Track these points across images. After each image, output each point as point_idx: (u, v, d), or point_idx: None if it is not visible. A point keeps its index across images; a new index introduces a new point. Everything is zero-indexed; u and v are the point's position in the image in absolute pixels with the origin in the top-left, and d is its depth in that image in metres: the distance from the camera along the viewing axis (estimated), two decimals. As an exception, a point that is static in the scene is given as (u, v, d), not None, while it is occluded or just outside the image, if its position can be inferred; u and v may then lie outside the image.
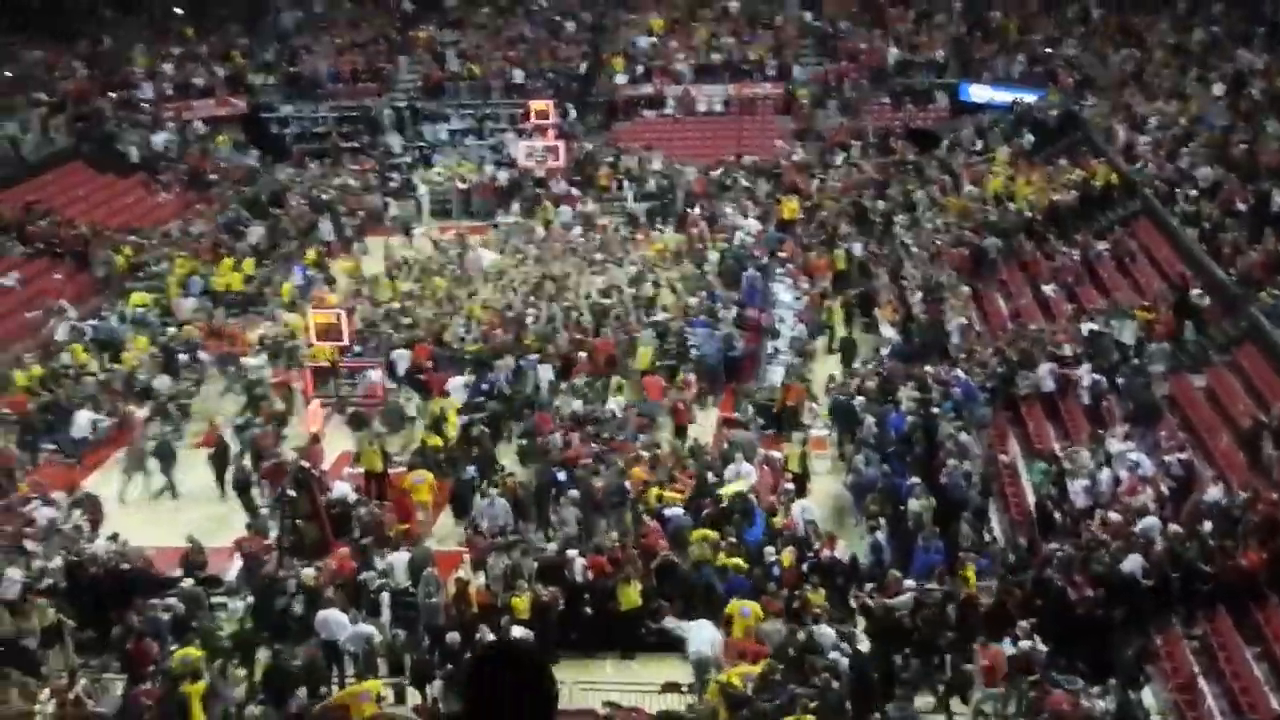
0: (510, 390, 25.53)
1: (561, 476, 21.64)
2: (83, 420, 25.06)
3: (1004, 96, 40.71)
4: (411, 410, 25.75)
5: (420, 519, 21.70)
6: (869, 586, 18.21)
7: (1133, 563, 16.98)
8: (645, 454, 22.34)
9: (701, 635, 16.99)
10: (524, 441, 23.91)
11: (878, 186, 36.42)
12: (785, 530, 19.81)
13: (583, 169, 40.12)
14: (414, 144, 43.87)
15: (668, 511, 20.21)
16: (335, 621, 17.72)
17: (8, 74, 40.64)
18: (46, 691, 15.88)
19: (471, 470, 22.36)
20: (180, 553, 20.04)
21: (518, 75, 44.87)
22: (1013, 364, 23.91)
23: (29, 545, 19.88)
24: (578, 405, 24.53)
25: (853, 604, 17.95)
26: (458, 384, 25.67)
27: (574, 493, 20.94)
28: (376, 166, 41.65)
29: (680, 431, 24.26)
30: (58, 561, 19.42)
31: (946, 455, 20.80)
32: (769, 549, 19.11)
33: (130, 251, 33.40)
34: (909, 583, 17.64)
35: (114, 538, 20.35)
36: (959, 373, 23.66)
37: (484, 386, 25.52)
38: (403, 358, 26.70)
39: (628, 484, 21.11)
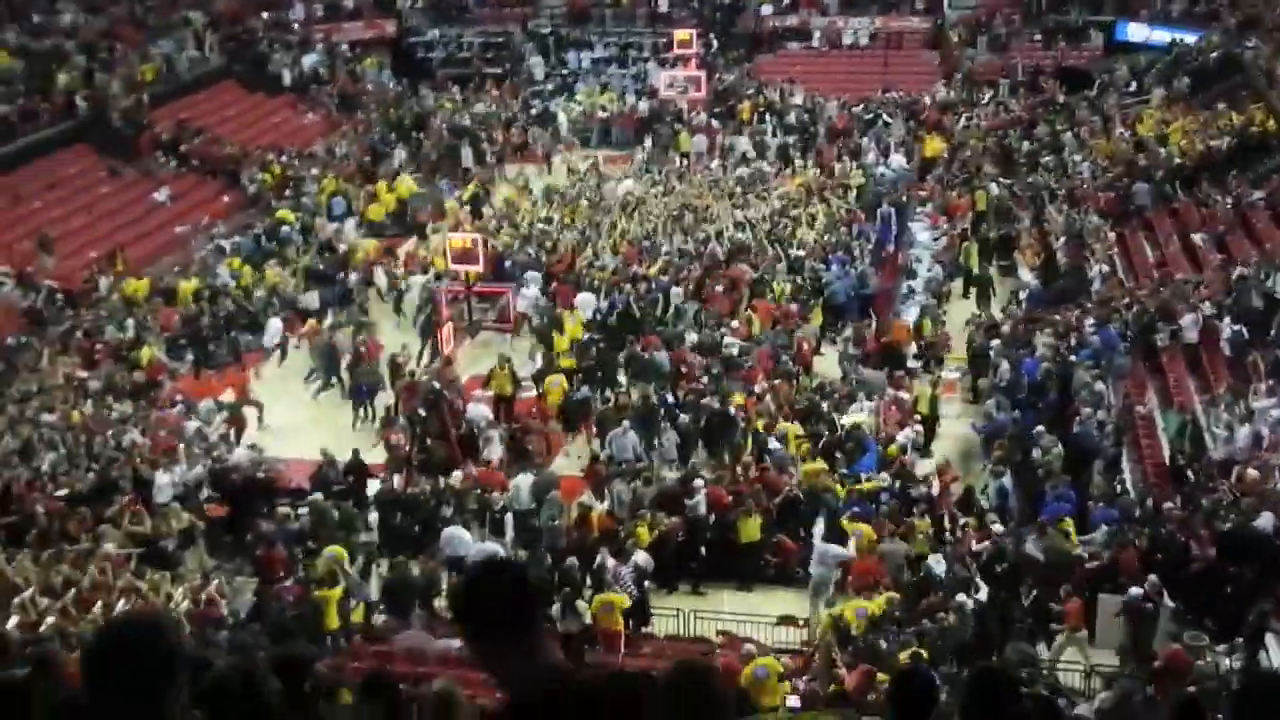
0: (639, 312, 25.59)
1: (670, 400, 21.88)
2: (274, 327, 26.04)
3: (1162, 36, 39.32)
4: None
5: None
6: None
7: (1265, 520, 16.50)
8: (761, 386, 22.32)
9: (826, 552, 17.10)
10: (633, 362, 23.99)
11: (1025, 126, 35.60)
12: (899, 464, 19.71)
13: (724, 100, 39.86)
14: (557, 71, 43.96)
15: (772, 444, 20.25)
16: (459, 539, 18.11)
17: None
18: (182, 589, 16.49)
19: (584, 390, 22.74)
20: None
21: (662, 3, 44.63)
22: (1152, 313, 23.26)
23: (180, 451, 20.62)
24: (696, 335, 24.65)
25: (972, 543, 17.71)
26: (587, 300, 25.95)
27: (684, 417, 21.11)
28: (517, 93, 41.82)
29: (806, 369, 24.15)
30: (200, 469, 20.15)
31: (1081, 404, 20.41)
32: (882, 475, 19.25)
33: (279, 170, 34.07)
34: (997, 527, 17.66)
35: (252, 447, 21.08)
36: (1097, 320, 23.13)
37: (610, 306, 25.66)
38: (535, 280, 26.97)
39: (734, 410, 21.17)
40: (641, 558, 16.93)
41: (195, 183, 34.04)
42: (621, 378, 23.61)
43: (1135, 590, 15.64)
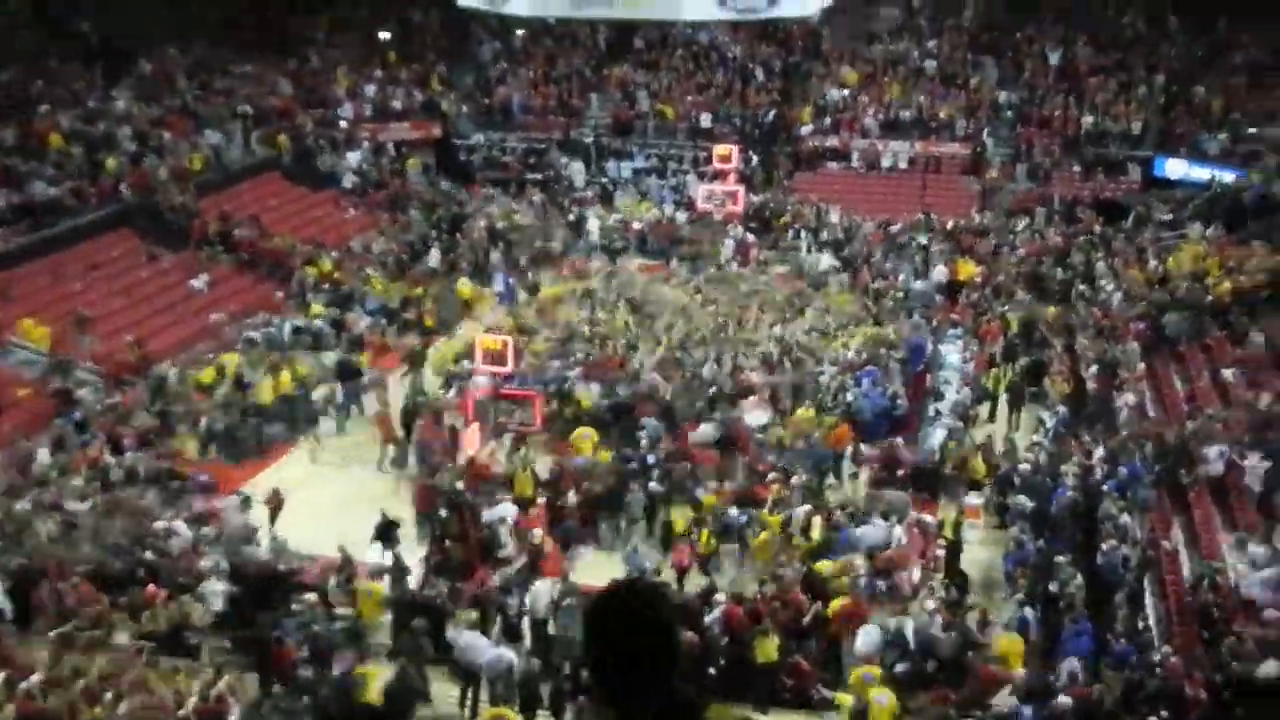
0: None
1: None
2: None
3: (1201, 173, 39.54)
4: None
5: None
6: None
7: (1270, 667, 16.19)
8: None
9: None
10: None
11: (1059, 254, 35.71)
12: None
13: (760, 215, 40.23)
14: (597, 179, 44.48)
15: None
16: (474, 645, 17.95)
17: (218, 85, 42.35)
18: (197, 684, 16.34)
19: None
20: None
21: (704, 119, 45.24)
22: (1180, 447, 23.09)
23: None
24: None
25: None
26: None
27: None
28: (553, 199, 42.34)
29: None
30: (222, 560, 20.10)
31: (1106, 535, 20.21)
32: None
33: (328, 265, 34.51)
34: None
35: (275, 539, 21.08)
36: (1123, 451, 23.00)
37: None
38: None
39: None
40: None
41: (232, 271, 34.39)
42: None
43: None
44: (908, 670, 17.96)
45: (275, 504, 22.49)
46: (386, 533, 21.08)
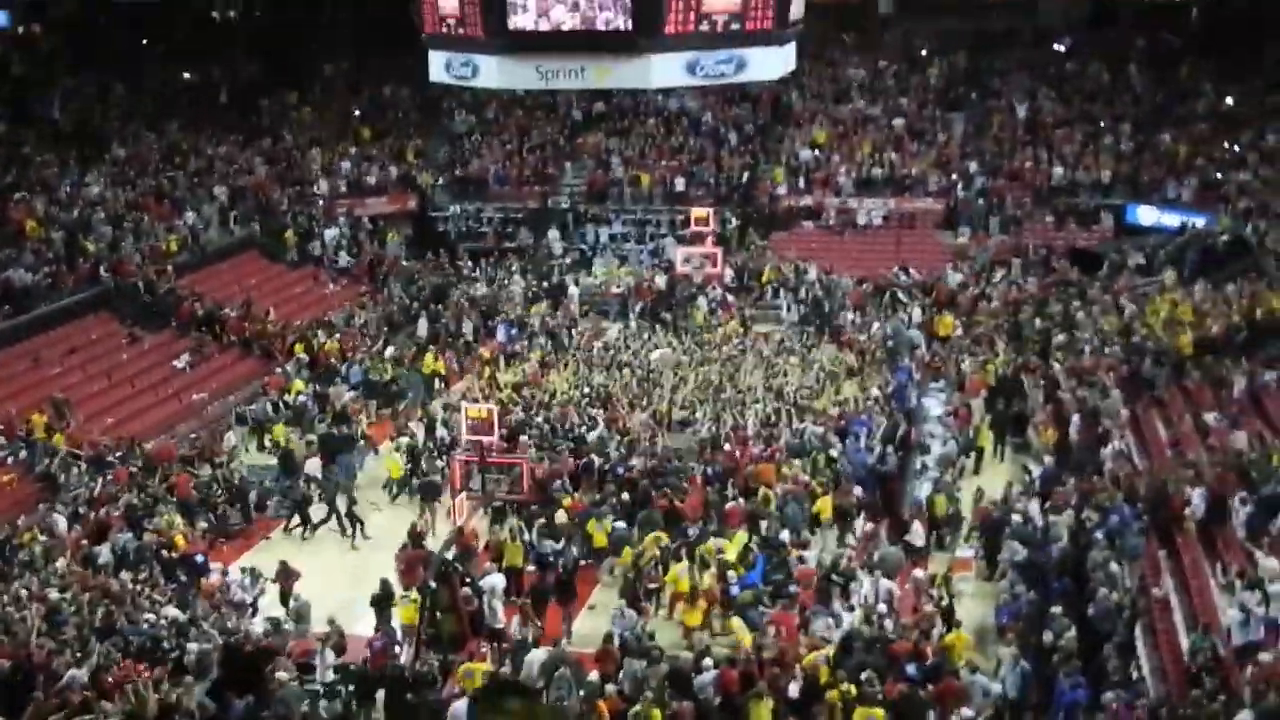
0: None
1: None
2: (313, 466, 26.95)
3: (1172, 219, 39.96)
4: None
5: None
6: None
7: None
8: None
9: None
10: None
11: (1037, 304, 35.97)
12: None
13: (739, 275, 40.48)
14: (575, 245, 44.68)
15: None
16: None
17: (192, 167, 42.52)
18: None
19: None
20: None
21: (679, 183, 45.58)
22: (1163, 493, 23.19)
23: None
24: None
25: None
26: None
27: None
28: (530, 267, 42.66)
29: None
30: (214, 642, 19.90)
31: (1097, 585, 20.20)
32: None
33: (324, 343, 34.60)
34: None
35: (270, 619, 20.91)
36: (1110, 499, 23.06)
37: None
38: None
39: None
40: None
41: (213, 350, 34.32)
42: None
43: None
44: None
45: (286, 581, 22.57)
46: (382, 603, 21.02)
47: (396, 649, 20.19)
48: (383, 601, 21.07)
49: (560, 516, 24.23)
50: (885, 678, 17.73)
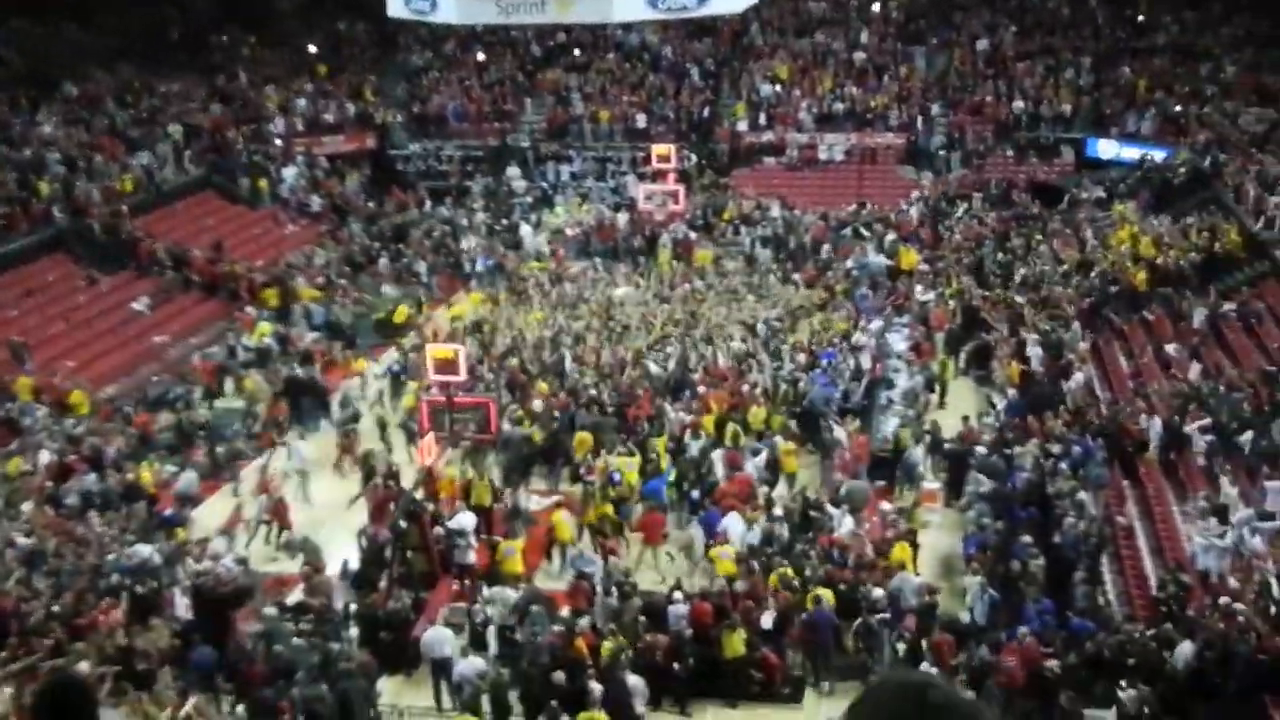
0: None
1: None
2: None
3: (1132, 153, 40.14)
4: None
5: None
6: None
7: (1185, 649, 16.53)
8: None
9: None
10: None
11: (998, 238, 36.11)
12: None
13: (702, 213, 40.38)
14: (536, 184, 44.41)
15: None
16: (440, 639, 18.03)
17: (146, 106, 41.88)
18: (167, 712, 16.10)
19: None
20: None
21: (640, 119, 45.29)
22: (1118, 423, 23.52)
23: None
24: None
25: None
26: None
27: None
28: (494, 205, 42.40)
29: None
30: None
31: (1062, 514, 20.44)
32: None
33: (305, 290, 34.27)
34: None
35: (242, 561, 20.83)
36: (1073, 430, 23.33)
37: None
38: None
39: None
40: (633, 680, 16.79)
41: (168, 289, 33.97)
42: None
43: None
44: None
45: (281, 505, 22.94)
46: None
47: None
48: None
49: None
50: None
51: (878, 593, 18.68)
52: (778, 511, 21.51)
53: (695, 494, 22.89)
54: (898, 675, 3.02)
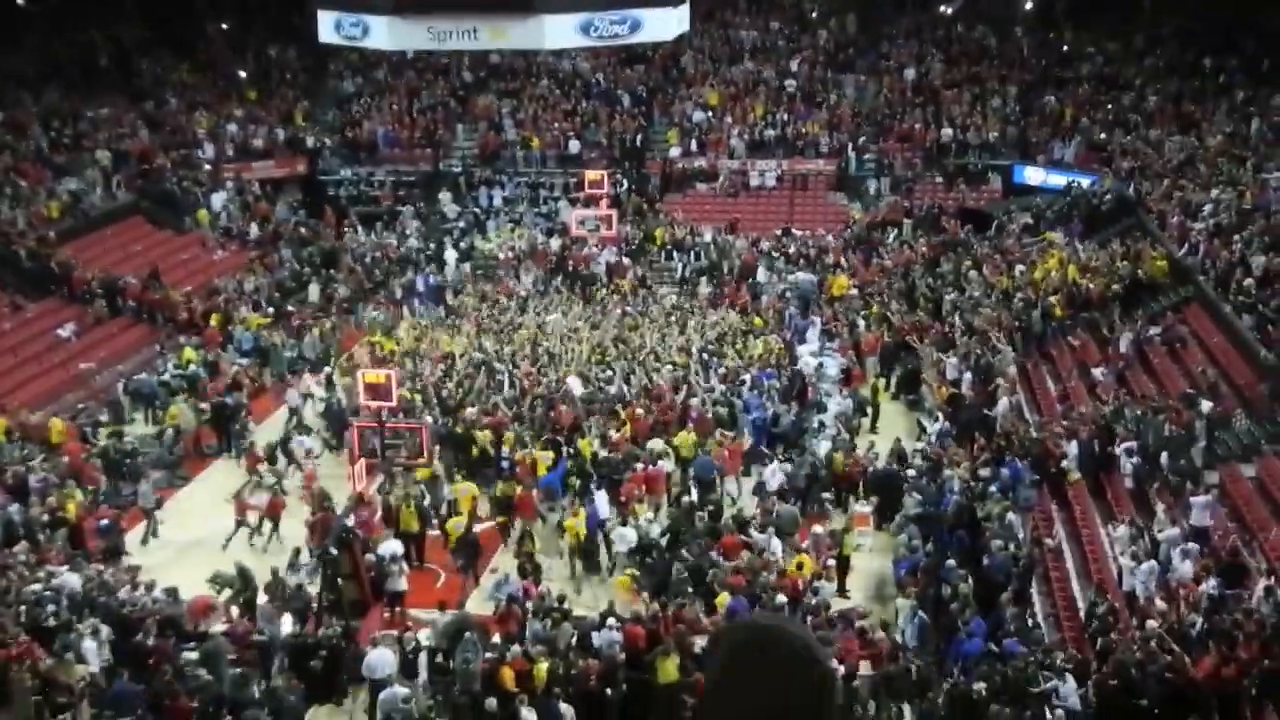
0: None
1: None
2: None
3: (1058, 180, 40.72)
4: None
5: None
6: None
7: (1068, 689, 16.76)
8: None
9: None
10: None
11: (928, 264, 36.45)
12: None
13: (634, 239, 40.47)
14: (468, 209, 44.27)
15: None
16: (383, 661, 17.93)
17: (74, 130, 41.36)
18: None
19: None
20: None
21: (573, 145, 45.36)
22: (1040, 445, 23.86)
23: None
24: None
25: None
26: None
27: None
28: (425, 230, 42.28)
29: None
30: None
31: (991, 536, 20.62)
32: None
33: (251, 319, 33.95)
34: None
35: (170, 591, 20.45)
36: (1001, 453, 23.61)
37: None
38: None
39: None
40: (563, 707, 16.76)
41: (99, 318, 33.52)
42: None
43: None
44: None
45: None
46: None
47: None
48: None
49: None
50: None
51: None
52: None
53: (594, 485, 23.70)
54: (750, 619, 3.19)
